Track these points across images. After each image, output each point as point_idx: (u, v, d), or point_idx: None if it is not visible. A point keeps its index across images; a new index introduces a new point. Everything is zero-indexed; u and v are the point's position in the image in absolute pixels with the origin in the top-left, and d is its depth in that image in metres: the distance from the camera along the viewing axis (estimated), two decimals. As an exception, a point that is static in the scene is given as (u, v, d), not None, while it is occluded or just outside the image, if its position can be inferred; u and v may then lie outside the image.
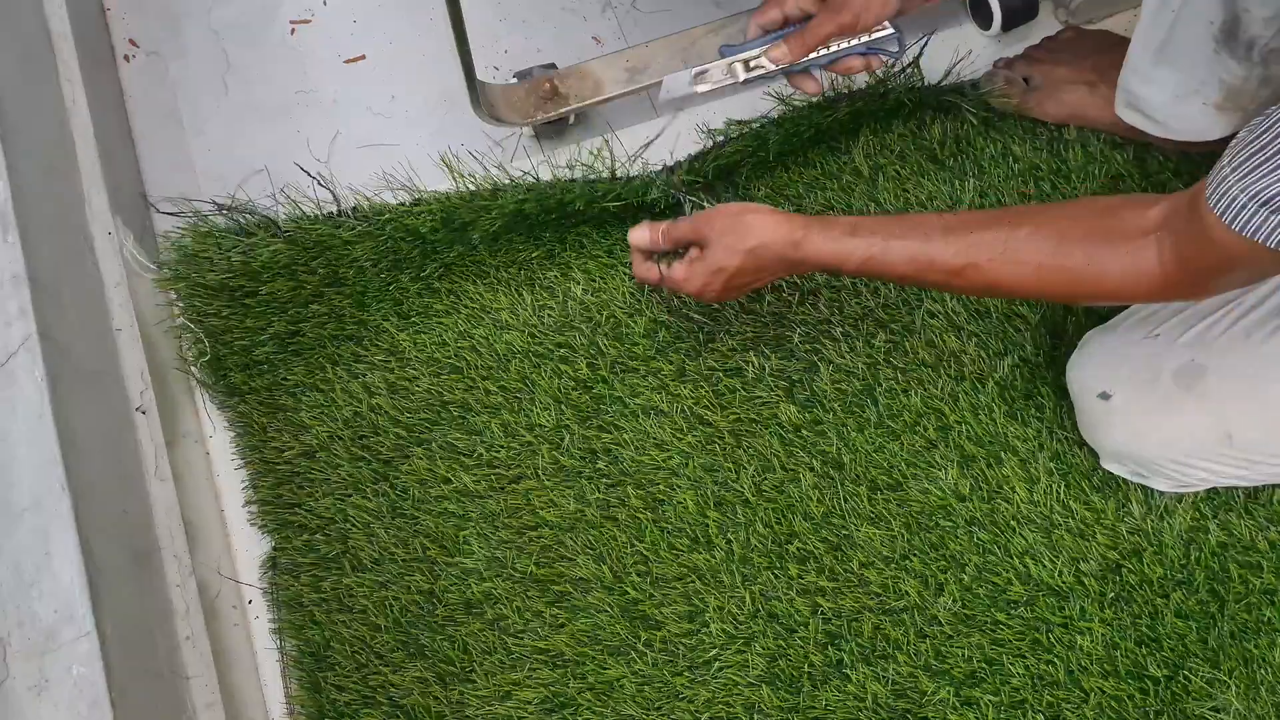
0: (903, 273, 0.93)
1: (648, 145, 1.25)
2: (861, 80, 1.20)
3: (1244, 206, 0.75)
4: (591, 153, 1.23)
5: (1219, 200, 0.76)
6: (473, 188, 1.21)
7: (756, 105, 1.26)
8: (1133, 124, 1.12)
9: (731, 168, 1.24)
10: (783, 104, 1.22)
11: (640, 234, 1.05)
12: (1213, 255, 0.80)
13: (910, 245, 0.91)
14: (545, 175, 1.22)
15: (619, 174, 1.22)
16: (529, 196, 1.19)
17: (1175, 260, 0.83)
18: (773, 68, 1.09)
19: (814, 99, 1.19)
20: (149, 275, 1.23)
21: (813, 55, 1.09)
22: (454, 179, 1.21)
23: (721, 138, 1.23)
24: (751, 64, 1.09)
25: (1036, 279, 0.88)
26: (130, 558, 1.03)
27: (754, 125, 1.23)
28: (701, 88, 1.11)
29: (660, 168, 1.23)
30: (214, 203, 1.21)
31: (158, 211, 1.32)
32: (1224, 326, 0.99)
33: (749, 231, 0.96)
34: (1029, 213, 0.94)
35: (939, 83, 1.25)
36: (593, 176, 1.21)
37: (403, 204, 1.21)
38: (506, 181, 1.21)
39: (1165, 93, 1.07)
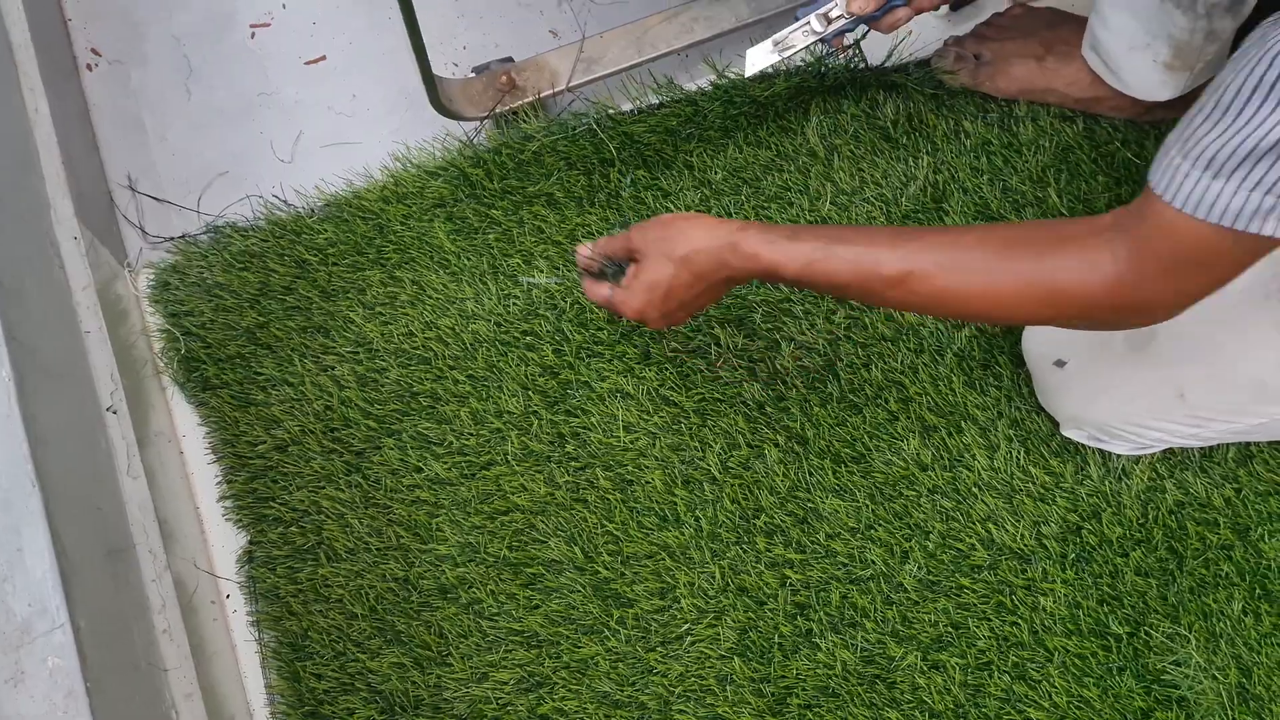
0: (845, 280, 0.88)
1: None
2: (799, 58, 1.22)
3: (1186, 175, 0.71)
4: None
5: (1160, 175, 0.73)
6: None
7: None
8: (1094, 68, 1.16)
9: (673, 132, 1.26)
10: (716, 74, 1.25)
11: (581, 251, 1.02)
12: (1164, 243, 0.74)
13: (853, 250, 0.87)
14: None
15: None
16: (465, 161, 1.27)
17: (1128, 253, 0.77)
18: (850, 18, 1.03)
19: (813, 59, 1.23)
20: (118, 278, 1.25)
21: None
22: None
23: (656, 100, 1.26)
24: (832, 17, 1.04)
25: (985, 286, 0.84)
26: (104, 553, 1.04)
27: (689, 92, 1.25)
28: (786, 53, 1.07)
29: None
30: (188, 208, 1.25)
31: (124, 218, 1.33)
32: None
33: (681, 237, 0.92)
34: (977, 226, 0.90)
35: (882, 63, 1.27)
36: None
37: (359, 189, 1.25)
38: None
39: (1121, 42, 1.11)
